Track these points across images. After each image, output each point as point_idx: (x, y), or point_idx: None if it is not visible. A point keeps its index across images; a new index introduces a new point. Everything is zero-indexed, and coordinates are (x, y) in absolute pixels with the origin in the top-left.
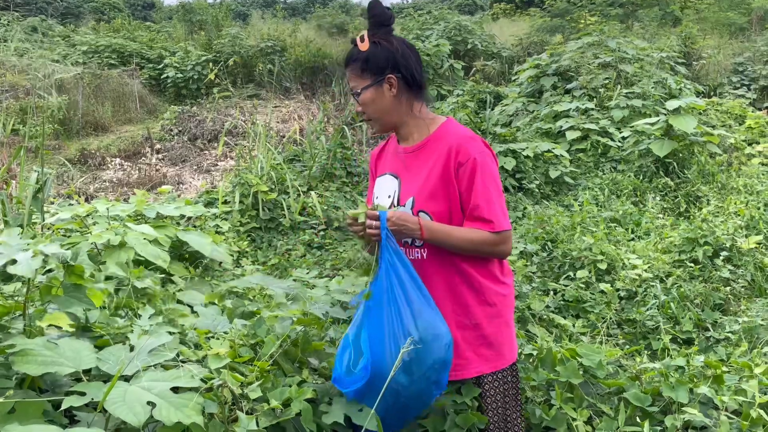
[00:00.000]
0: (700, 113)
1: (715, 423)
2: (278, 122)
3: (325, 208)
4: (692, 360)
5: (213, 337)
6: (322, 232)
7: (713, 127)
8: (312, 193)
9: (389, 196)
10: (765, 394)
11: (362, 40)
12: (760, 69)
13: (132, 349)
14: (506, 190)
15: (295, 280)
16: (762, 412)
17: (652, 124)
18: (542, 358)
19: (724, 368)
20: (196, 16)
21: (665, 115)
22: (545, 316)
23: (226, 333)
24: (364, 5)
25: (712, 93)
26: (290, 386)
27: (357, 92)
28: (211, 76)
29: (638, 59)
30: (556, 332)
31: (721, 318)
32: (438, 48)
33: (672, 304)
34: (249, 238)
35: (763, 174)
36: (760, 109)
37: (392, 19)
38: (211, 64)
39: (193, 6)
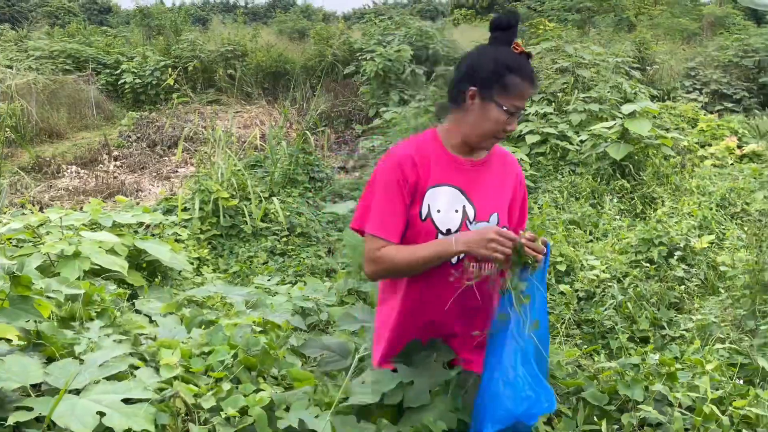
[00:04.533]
0: (654, 117)
1: (670, 419)
2: (240, 128)
3: (288, 214)
4: (647, 358)
5: (166, 347)
6: (284, 239)
7: (667, 130)
8: (274, 199)
9: (457, 210)
10: (717, 389)
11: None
12: (711, 73)
13: (82, 362)
14: None
15: (256, 288)
16: (714, 407)
17: (609, 128)
18: None
19: (678, 365)
20: (154, 21)
21: (621, 119)
22: None
23: (183, 343)
24: (326, 9)
25: (665, 97)
26: (245, 395)
27: (523, 110)
28: (170, 81)
29: (595, 64)
30: None
31: (675, 316)
32: (399, 53)
33: (629, 303)
34: (210, 246)
35: (715, 175)
36: (711, 113)
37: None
38: (170, 69)
39: (150, 10)
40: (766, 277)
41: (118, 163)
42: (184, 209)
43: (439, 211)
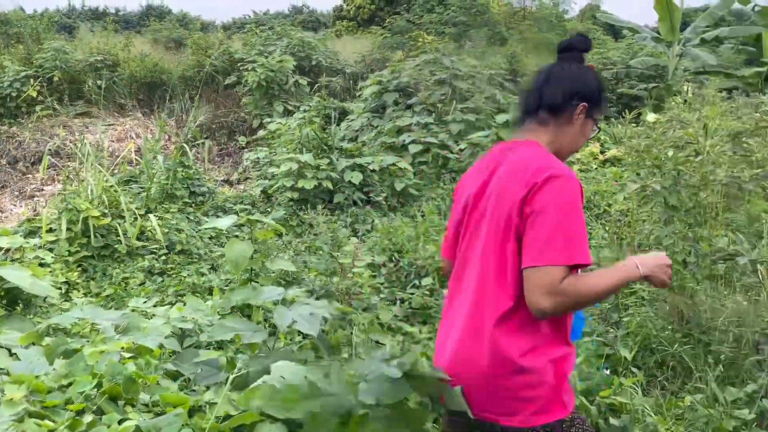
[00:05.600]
0: None
1: None
2: (113, 141)
3: (167, 231)
4: None
5: (17, 382)
6: (163, 257)
7: None
8: (151, 216)
9: None
10: (586, 380)
11: None
12: None
13: None
14: (355, 203)
15: (132, 311)
16: (583, 399)
17: (485, 137)
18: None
19: None
20: (13, 28)
21: (495, 128)
22: (393, 326)
23: (44, 375)
24: (203, 19)
25: None
26: (109, 426)
27: None
28: (32, 93)
29: (471, 76)
30: (405, 340)
31: None
32: (282, 63)
33: None
34: (80, 269)
35: (581, 179)
36: None
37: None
38: (32, 80)
39: (8, 17)
40: None
41: None
42: (49, 230)
43: None
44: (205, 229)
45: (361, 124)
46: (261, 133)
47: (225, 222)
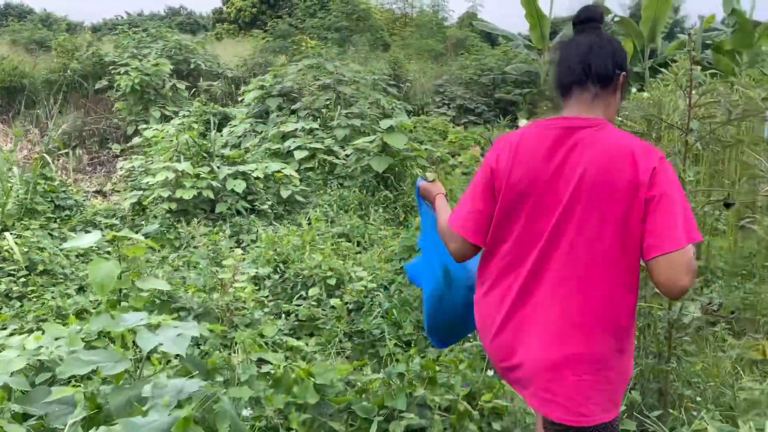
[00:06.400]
0: (410, 131)
1: (431, 423)
2: None
3: (26, 250)
4: (411, 364)
5: None
6: (23, 279)
7: (421, 142)
8: (7, 234)
9: None
10: (468, 386)
11: None
12: (456, 90)
13: None
14: (239, 213)
15: None
16: (466, 404)
17: (371, 142)
18: (278, 379)
19: (438, 367)
20: None
21: (381, 133)
22: (279, 340)
23: None
24: (70, 19)
25: (420, 111)
26: None
27: None
28: None
29: (354, 81)
30: (291, 355)
31: None
32: (158, 67)
33: (395, 310)
34: None
35: (464, 182)
36: (458, 125)
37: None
38: None
39: None
40: None
41: None
42: None
43: None
44: (67, 249)
45: (244, 130)
46: (136, 140)
47: (86, 241)
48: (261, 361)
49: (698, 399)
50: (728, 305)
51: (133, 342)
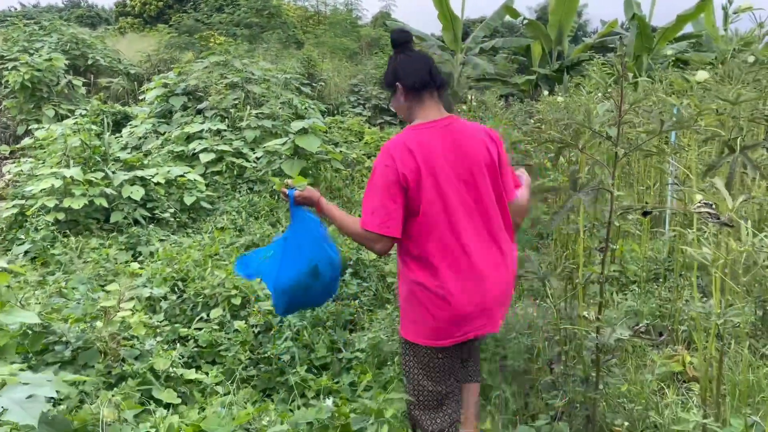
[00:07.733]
0: (325, 132)
1: None
2: None
3: None
4: (322, 408)
5: None
6: None
7: (336, 144)
8: None
9: None
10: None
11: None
12: (371, 89)
13: None
14: (136, 222)
15: None
16: None
17: (282, 144)
18: None
19: (353, 405)
20: None
21: (293, 134)
22: (173, 373)
23: None
24: None
25: (335, 111)
26: None
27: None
28: None
29: (265, 80)
30: (188, 390)
31: (350, 336)
32: (51, 62)
33: (306, 331)
34: None
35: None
36: (374, 125)
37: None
38: None
39: None
40: None
41: None
42: None
43: None
44: None
45: (145, 131)
46: (27, 140)
47: None
48: (151, 399)
49: (626, 424)
50: (645, 312)
51: None
